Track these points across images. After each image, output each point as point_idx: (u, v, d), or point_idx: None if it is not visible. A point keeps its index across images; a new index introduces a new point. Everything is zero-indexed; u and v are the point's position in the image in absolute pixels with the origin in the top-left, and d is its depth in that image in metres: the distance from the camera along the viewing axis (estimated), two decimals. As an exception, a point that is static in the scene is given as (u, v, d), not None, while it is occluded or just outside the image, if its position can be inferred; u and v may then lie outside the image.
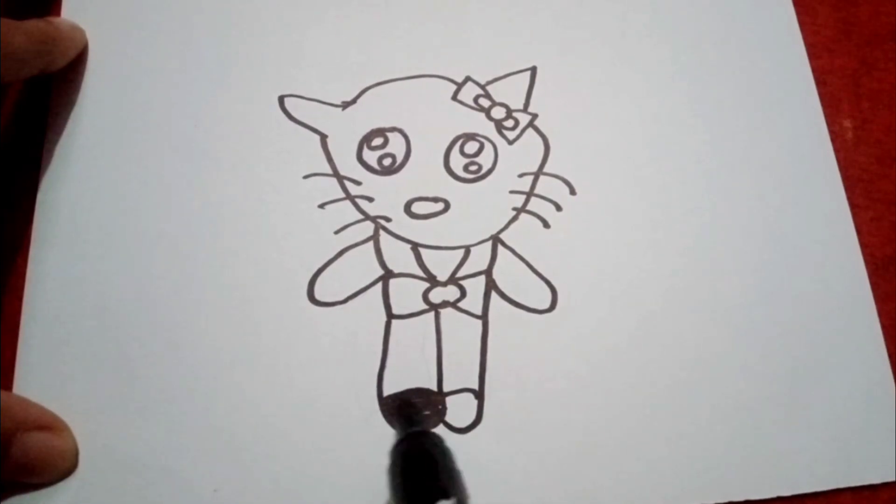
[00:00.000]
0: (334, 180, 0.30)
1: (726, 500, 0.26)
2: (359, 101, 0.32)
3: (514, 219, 0.30)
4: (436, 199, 0.30)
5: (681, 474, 0.27)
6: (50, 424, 0.27)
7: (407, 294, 0.29)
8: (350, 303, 0.29)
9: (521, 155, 0.31)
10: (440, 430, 0.27)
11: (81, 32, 0.32)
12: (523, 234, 0.30)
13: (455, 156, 0.31)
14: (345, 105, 0.32)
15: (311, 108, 0.31)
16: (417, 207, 0.30)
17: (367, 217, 0.30)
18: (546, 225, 0.30)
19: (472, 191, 0.30)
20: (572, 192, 0.30)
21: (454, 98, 0.32)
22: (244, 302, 0.29)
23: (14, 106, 0.32)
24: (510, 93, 0.32)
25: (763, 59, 0.32)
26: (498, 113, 0.31)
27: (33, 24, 0.30)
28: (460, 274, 0.29)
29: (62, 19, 0.32)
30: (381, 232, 0.30)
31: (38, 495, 0.27)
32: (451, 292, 0.29)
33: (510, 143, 0.31)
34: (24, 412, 0.27)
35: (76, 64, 0.32)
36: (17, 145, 0.31)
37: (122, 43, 0.32)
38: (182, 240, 0.30)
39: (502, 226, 0.30)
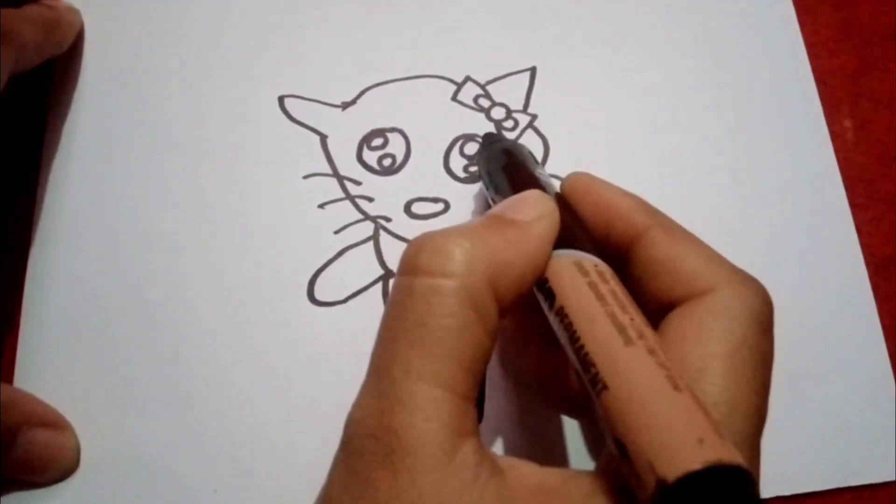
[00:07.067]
0: (334, 180, 0.30)
1: (726, 500, 0.26)
2: (359, 101, 0.32)
3: (514, 219, 0.30)
4: (436, 200, 0.30)
5: (681, 474, 0.27)
6: (55, 422, 0.27)
7: (407, 294, 0.29)
8: (350, 302, 0.29)
9: (520, 155, 0.31)
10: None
11: (78, 13, 0.32)
12: (523, 234, 0.30)
13: (455, 156, 0.31)
14: (345, 105, 0.32)
15: (310, 109, 0.31)
16: (417, 208, 0.30)
17: (367, 217, 0.30)
18: (546, 225, 0.30)
19: (471, 191, 0.30)
20: (572, 192, 0.30)
21: (454, 98, 0.32)
22: (244, 302, 0.29)
23: (14, 106, 0.32)
24: (510, 93, 0.32)
25: (763, 59, 0.32)
26: (498, 113, 0.31)
27: (39, 12, 0.30)
28: (460, 274, 0.29)
29: (60, 1, 0.32)
30: (381, 232, 0.30)
31: (38, 494, 0.27)
32: (451, 292, 0.29)
33: (510, 143, 0.31)
34: (32, 407, 0.27)
35: (75, 66, 0.32)
36: (17, 145, 0.31)
37: (120, 44, 0.32)
38: (182, 240, 0.30)
39: (502, 226, 0.30)
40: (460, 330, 0.18)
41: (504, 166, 0.26)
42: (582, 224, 0.23)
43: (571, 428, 0.27)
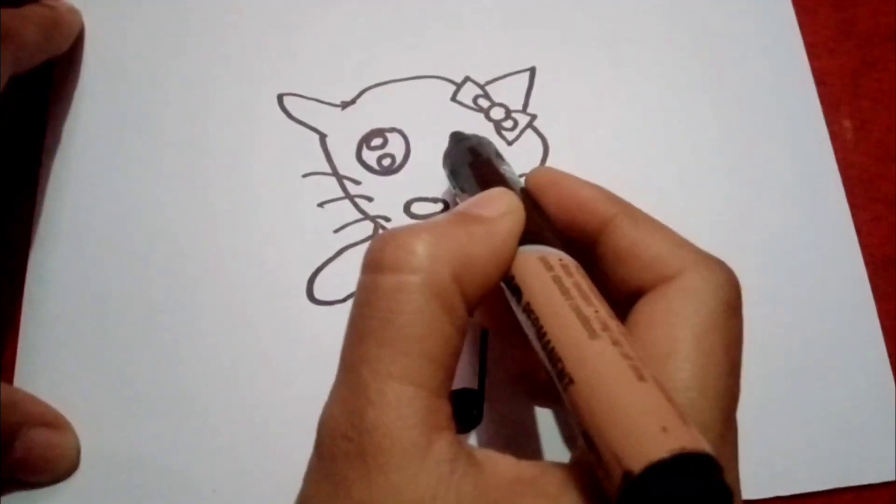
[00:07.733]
0: (334, 179, 0.30)
1: (726, 500, 0.26)
2: (358, 101, 0.32)
3: (514, 219, 0.30)
4: (435, 200, 0.30)
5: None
6: (55, 422, 0.27)
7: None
8: (349, 302, 0.28)
9: (520, 156, 0.31)
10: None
11: (78, 14, 0.32)
12: (523, 234, 0.30)
13: (455, 156, 0.31)
14: (344, 105, 0.32)
15: (310, 108, 0.31)
16: (417, 208, 0.30)
17: (366, 216, 0.30)
18: (545, 225, 0.30)
19: (471, 191, 0.30)
20: (572, 192, 0.30)
21: (453, 99, 0.32)
22: (244, 301, 0.29)
23: (14, 106, 0.32)
24: (509, 93, 0.32)
25: (763, 59, 0.32)
26: (497, 113, 0.31)
27: (39, 13, 0.30)
28: (460, 274, 0.29)
29: (61, 1, 0.32)
30: (381, 231, 0.30)
31: (38, 494, 0.27)
32: (450, 292, 0.29)
33: (509, 143, 0.31)
34: (32, 408, 0.27)
35: (75, 66, 0.32)
36: (17, 145, 0.31)
37: (120, 44, 0.33)
38: (181, 239, 0.30)
39: (502, 226, 0.30)
40: (428, 325, 0.18)
41: (470, 164, 0.26)
42: (547, 218, 0.23)
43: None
